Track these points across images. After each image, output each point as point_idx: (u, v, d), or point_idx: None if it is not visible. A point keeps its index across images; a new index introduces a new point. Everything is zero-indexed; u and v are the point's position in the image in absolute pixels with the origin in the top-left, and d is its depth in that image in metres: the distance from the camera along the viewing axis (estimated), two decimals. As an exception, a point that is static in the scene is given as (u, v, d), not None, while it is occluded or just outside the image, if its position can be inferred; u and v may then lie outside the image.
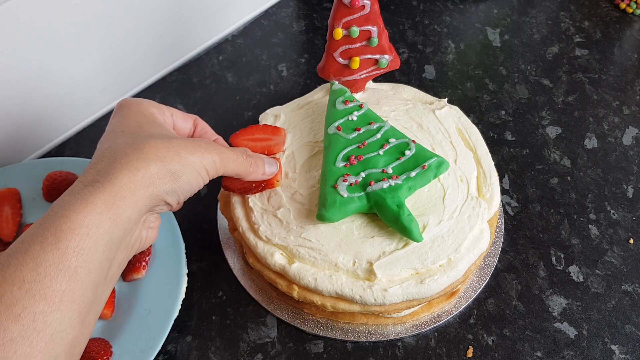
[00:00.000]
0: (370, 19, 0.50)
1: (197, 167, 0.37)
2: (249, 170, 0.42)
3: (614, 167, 0.62)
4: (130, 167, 0.33)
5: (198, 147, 0.37)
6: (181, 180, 0.36)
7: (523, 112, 0.67)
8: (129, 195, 0.33)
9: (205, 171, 0.38)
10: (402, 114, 0.54)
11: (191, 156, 0.36)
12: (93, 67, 0.63)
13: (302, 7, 0.80)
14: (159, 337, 0.47)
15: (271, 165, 0.46)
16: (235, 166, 0.40)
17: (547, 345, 0.49)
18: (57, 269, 0.29)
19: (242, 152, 0.42)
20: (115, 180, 0.33)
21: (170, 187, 0.35)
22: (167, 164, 0.35)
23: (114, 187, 0.32)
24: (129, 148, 0.35)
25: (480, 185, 0.50)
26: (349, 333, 0.49)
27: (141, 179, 0.33)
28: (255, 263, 0.48)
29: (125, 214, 0.33)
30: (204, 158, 0.37)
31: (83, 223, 0.31)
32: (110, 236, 0.32)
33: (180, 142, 0.37)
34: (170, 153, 0.35)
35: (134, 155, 0.34)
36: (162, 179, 0.35)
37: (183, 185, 0.36)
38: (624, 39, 0.76)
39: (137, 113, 0.39)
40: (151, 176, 0.34)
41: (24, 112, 0.59)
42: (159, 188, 0.34)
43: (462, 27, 0.77)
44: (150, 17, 0.65)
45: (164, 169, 0.35)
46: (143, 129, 0.38)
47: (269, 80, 0.71)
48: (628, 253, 0.55)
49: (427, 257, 0.45)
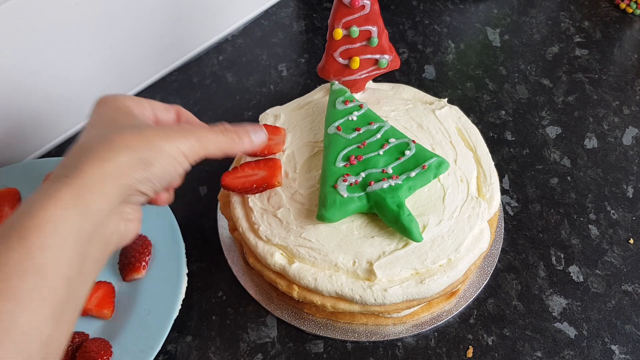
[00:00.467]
0: (370, 19, 0.50)
1: (172, 153, 0.35)
2: (232, 145, 0.40)
3: (614, 167, 0.62)
4: (98, 159, 0.32)
5: (171, 133, 0.36)
6: (155, 167, 0.34)
7: (523, 112, 0.67)
8: (98, 187, 0.32)
9: (182, 156, 0.36)
10: (402, 114, 0.54)
11: (165, 143, 0.35)
12: (93, 67, 0.63)
13: (302, 7, 0.80)
14: (159, 337, 0.47)
15: (257, 133, 0.42)
16: (216, 144, 0.39)
17: (547, 345, 0.49)
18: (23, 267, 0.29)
19: (221, 129, 0.40)
20: (82, 174, 0.32)
21: (143, 175, 0.34)
22: (137, 152, 0.34)
23: (81, 180, 0.32)
24: (97, 141, 0.34)
25: (480, 185, 0.50)
26: (349, 333, 0.49)
27: (110, 170, 0.32)
28: (255, 263, 0.48)
29: (94, 206, 0.32)
30: (179, 143, 0.36)
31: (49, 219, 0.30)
32: (80, 231, 0.31)
33: (153, 130, 0.36)
34: (142, 141, 0.34)
35: (102, 147, 0.33)
36: (133, 167, 0.33)
37: (157, 172, 0.35)
38: (624, 39, 0.76)
39: (112, 107, 0.38)
40: (120, 166, 0.33)
41: (24, 112, 0.59)
42: (130, 177, 0.33)
43: (462, 27, 0.77)
44: (150, 17, 0.65)
45: (135, 157, 0.34)
46: (116, 121, 0.37)
47: (269, 80, 0.71)
48: (628, 253, 0.55)
49: (427, 257, 0.45)
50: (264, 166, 0.49)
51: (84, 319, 0.49)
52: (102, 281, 0.50)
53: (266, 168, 0.49)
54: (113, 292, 0.50)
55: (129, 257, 0.51)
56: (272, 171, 0.49)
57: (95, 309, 0.48)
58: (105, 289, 0.50)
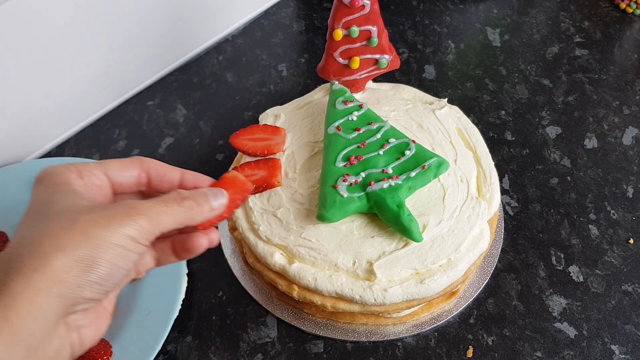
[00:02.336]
0: (370, 19, 0.50)
1: (117, 242, 0.29)
2: (190, 214, 0.33)
3: (614, 167, 0.62)
4: (25, 270, 0.27)
5: (112, 217, 0.29)
6: (99, 266, 0.28)
7: (523, 112, 0.67)
8: (26, 305, 0.26)
9: (132, 241, 0.30)
10: (402, 114, 0.54)
11: (104, 231, 0.29)
12: (93, 67, 0.63)
13: (302, 7, 0.80)
14: (159, 337, 0.47)
15: (217, 196, 0.35)
16: (171, 218, 0.32)
17: (547, 345, 0.49)
18: None
19: (175, 198, 0.33)
20: (7, 291, 0.26)
21: (85, 279, 0.28)
22: (72, 252, 0.28)
23: (5, 299, 0.26)
24: (23, 245, 0.28)
25: (480, 185, 0.50)
26: (349, 333, 0.49)
27: (40, 281, 0.27)
28: (255, 263, 0.48)
29: (24, 329, 0.26)
30: (123, 226, 0.29)
31: None
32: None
33: (89, 217, 0.29)
34: (76, 236, 0.28)
35: (28, 254, 0.28)
36: (70, 272, 0.27)
37: (104, 270, 0.29)
38: (624, 39, 0.76)
39: (48, 185, 0.32)
40: (53, 274, 0.27)
41: (24, 112, 0.59)
42: (68, 285, 0.27)
43: (462, 27, 0.77)
44: (150, 17, 0.65)
45: (70, 259, 0.27)
46: (53, 206, 0.30)
47: (269, 80, 0.71)
48: (628, 253, 0.55)
49: (427, 257, 0.45)
50: (263, 166, 0.49)
51: (84, 319, 0.49)
52: (102, 281, 0.50)
53: (266, 168, 0.49)
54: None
55: (129, 257, 0.51)
56: (272, 171, 0.49)
57: (95, 309, 0.48)
58: (105, 289, 0.50)
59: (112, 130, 0.66)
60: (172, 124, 0.66)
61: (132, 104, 0.68)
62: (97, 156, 0.63)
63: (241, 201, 0.38)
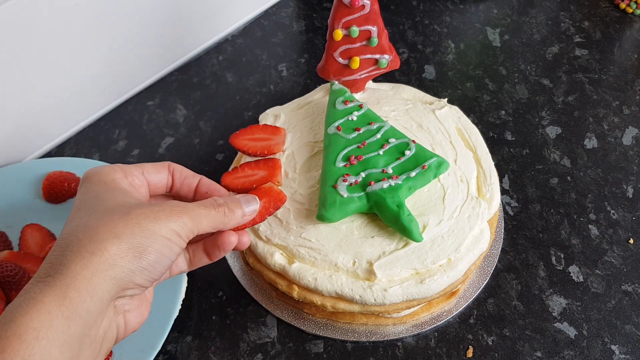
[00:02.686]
0: (370, 19, 0.50)
1: (165, 234, 0.32)
2: (224, 220, 0.37)
3: (614, 167, 0.62)
4: (83, 253, 0.30)
5: (161, 212, 0.33)
6: (149, 254, 0.31)
7: (523, 112, 0.67)
8: (84, 284, 0.29)
9: (177, 236, 0.33)
10: (402, 114, 0.54)
11: (154, 224, 0.32)
12: (93, 67, 0.63)
13: (302, 7, 0.80)
14: (159, 337, 0.47)
15: (249, 203, 0.39)
16: (208, 222, 0.36)
17: (547, 345, 0.49)
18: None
19: (212, 204, 0.36)
20: (67, 271, 0.29)
21: (136, 265, 0.31)
22: (127, 239, 0.31)
23: (65, 279, 0.29)
24: (81, 232, 0.31)
25: (480, 185, 0.50)
26: (349, 333, 0.49)
27: (98, 264, 0.30)
28: (255, 263, 0.48)
29: (81, 306, 0.29)
30: (170, 222, 0.33)
31: (31, 325, 0.27)
32: (67, 335, 0.28)
33: (140, 211, 0.33)
34: (130, 226, 0.31)
35: (86, 239, 0.30)
36: (124, 257, 0.30)
37: (153, 259, 0.32)
38: (624, 39, 0.76)
39: (97, 184, 0.35)
40: (110, 257, 0.30)
41: (24, 112, 0.59)
42: (122, 269, 0.30)
43: (462, 27, 0.77)
44: (150, 17, 0.65)
45: (124, 245, 0.31)
46: (102, 201, 0.34)
47: (269, 80, 0.71)
48: (628, 253, 0.55)
49: (427, 257, 0.45)
50: (263, 166, 0.49)
51: (84, 319, 0.49)
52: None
53: (266, 168, 0.49)
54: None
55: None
56: (272, 171, 0.49)
57: (95, 309, 0.48)
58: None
59: (112, 130, 0.66)
60: (172, 124, 0.66)
61: (132, 104, 0.68)
62: (97, 156, 0.63)
63: (274, 209, 0.43)
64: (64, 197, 0.56)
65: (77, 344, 0.29)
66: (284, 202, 0.45)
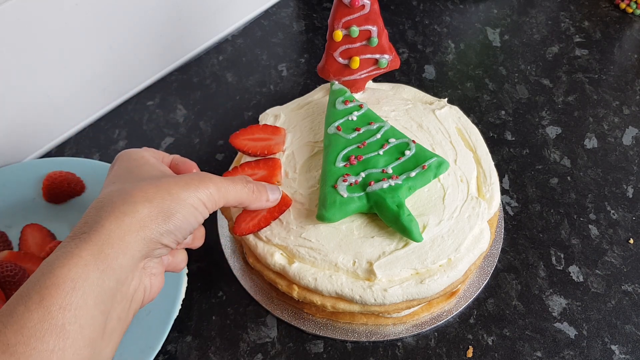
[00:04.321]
0: (370, 19, 0.50)
1: (192, 202, 0.35)
2: (251, 197, 0.40)
3: (614, 167, 0.62)
4: (117, 213, 0.32)
5: (191, 181, 0.36)
6: (176, 218, 0.34)
7: (523, 112, 0.67)
8: (118, 242, 0.31)
9: (202, 205, 0.36)
10: (402, 114, 0.54)
11: (184, 192, 0.35)
12: (93, 67, 0.63)
13: (302, 7, 0.80)
14: (159, 337, 0.47)
15: (274, 191, 0.44)
16: (235, 194, 0.39)
17: (547, 345, 0.49)
18: (43, 328, 0.28)
19: (242, 180, 0.40)
20: (102, 229, 0.31)
21: (165, 227, 0.33)
22: (157, 203, 0.33)
23: (100, 236, 0.31)
24: (116, 195, 0.33)
25: (480, 185, 0.50)
26: (349, 333, 0.49)
27: (130, 224, 0.32)
28: (255, 263, 0.48)
29: (115, 262, 0.31)
30: (198, 191, 0.35)
31: (68, 276, 0.29)
32: (101, 288, 0.30)
33: (171, 179, 0.35)
34: (160, 192, 0.34)
35: (120, 201, 0.33)
36: (154, 220, 0.33)
37: (179, 223, 0.34)
38: (624, 39, 0.76)
39: (128, 160, 0.38)
40: (141, 219, 0.32)
41: (24, 112, 0.59)
42: (152, 230, 0.33)
43: (462, 27, 0.77)
44: (150, 17, 0.65)
45: (155, 209, 0.33)
46: (133, 173, 0.37)
47: (269, 80, 0.71)
48: (628, 253, 0.55)
49: (427, 257, 0.45)
50: (263, 166, 0.49)
51: (84, 319, 0.49)
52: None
53: (266, 167, 0.49)
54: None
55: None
56: (272, 170, 0.49)
57: (95, 309, 0.48)
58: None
59: (112, 130, 0.66)
60: (172, 124, 0.66)
61: (132, 104, 0.68)
62: (97, 156, 0.63)
63: (279, 214, 0.46)
64: (64, 197, 0.56)
65: (110, 298, 0.31)
66: (289, 206, 0.47)
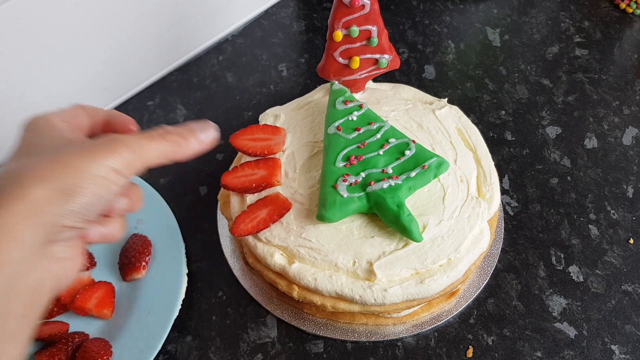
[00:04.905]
0: (370, 19, 0.50)
1: (101, 173, 0.30)
2: (176, 148, 0.34)
3: (614, 167, 0.62)
4: (7, 199, 0.28)
5: (97, 148, 0.30)
6: (81, 195, 0.29)
7: (523, 112, 0.67)
8: (8, 232, 0.27)
9: (114, 173, 0.30)
10: (402, 114, 0.54)
11: (89, 162, 0.29)
12: (93, 67, 0.63)
13: (302, 7, 0.80)
14: (159, 337, 0.47)
15: (205, 130, 0.36)
16: (157, 151, 0.33)
17: (547, 345, 0.49)
18: None
19: (159, 133, 0.34)
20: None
21: (67, 208, 0.29)
22: (55, 182, 0.28)
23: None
24: (7, 178, 0.29)
25: (480, 185, 0.50)
26: (349, 333, 0.49)
27: (21, 210, 0.28)
28: (255, 263, 0.48)
29: (6, 256, 0.27)
30: (107, 159, 0.30)
31: None
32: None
33: (74, 149, 0.30)
34: (59, 167, 0.29)
35: (10, 185, 0.28)
36: (51, 202, 0.28)
37: (86, 200, 0.29)
38: (624, 39, 0.76)
39: (32, 129, 0.34)
40: (35, 203, 0.28)
41: (24, 112, 0.59)
42: (49, 214, 0.28)
43: (462, 27, 0.77)
44: (150, 17, 0.65)
45: (52, 189, 0.28)
46: (36, 146, 0.32)
47: (269, 80, 0.71)
48: (628, 253, 0.55)
49: (427, 257, 0.45)
50: (264, 165, 0.49)
51: (84, 319, 0.49)
52: (103, 281, 0.50)
53: (266, 167, 0.49)
54: (113, 292, 0.50)
55: (129, 257, 0.51)
56: (272, 170, 0.49)
57: (95, 309, 0.48)
58: (106, 289, 0.50)
59: (112, 130, 0.66)
60: (172, 123, 0.66)
61: (132, 104, 0.68)
62: (97, 156, 0.63)
63: (278, 217, 0.46)
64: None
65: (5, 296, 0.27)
66: (289, 210, 0.47)
